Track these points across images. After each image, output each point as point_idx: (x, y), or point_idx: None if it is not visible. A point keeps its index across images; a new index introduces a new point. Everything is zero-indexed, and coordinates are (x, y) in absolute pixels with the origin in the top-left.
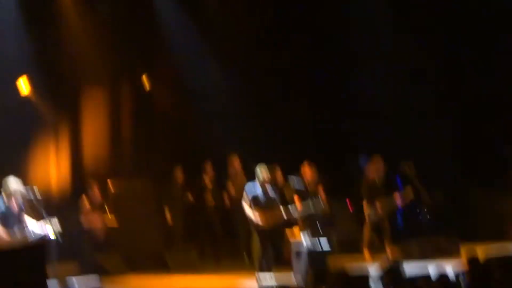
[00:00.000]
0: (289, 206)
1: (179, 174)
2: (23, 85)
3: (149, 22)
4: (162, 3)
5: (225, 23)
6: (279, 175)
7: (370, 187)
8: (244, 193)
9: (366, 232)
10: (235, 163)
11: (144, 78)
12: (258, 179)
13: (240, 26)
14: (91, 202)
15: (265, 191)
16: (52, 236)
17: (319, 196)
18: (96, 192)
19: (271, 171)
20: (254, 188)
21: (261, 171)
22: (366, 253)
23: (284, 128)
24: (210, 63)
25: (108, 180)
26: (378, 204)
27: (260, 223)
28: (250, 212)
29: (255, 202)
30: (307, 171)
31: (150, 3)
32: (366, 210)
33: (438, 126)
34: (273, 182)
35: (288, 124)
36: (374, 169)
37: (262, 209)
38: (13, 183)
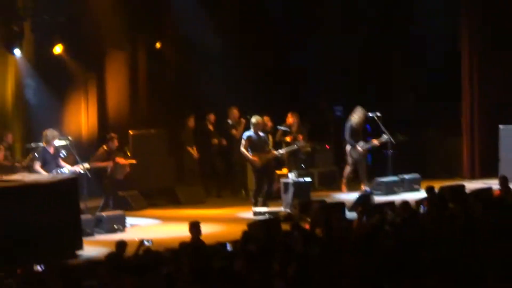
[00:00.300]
0: (278, 150)
1: (191, 122)
2: (58, 49)
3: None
4: None
5: None
6: (269, 124)
7: (353, 131)
8: (242, 140)
9: (347, 169)
10: (235, 114)
11: (158, 43)
12: (253, 127)
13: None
14: (111, 149)
15: (258, 137)
16: (84, 176)
17: (301, 139)
18: (115, 141)
19: (263, 120)
20: (250, 135)
21: (255, 121)
22: (344, 186)
23: (275, 87)
24: (213, 31)
25: (129, 130)
26: (358, 146)
27: (255, 163)
28: (247, 155)
29: (250, 146)
30: (291, 120)
31: None
32: (349, 150)
33: (401, 80)
34: (264, 129)
35: (278, 84)
36: (358, 117)
37: (256, 152)
38: (52, 133)
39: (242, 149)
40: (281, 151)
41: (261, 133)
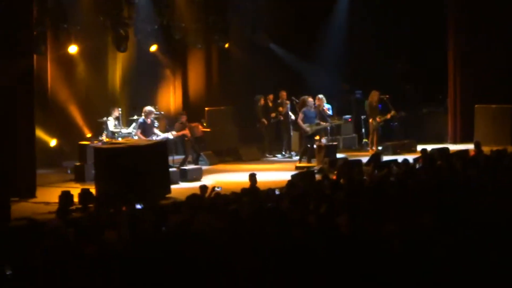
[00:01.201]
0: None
1: (262, 101)
2: (153, 48)
3: (226, 13)
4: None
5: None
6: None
7: (371, 108)
8: (301, 113)
9: (371, 135)
10: (283, 95)
11: (227, 43)
12: (306, 105)
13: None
14: (183, 122)
15: (310, 112)
16: (171, 141)
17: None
18: (184, 116)
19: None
20: (304, 110)
21: (308, 100)
22: (370, 147)
23: (310, 77)
24: (265, 32)
25: (205, 107)
26: (377, 118)
27: (307, 131)
28: (302, 125)
29: (304, 118)
30: (318, 102)
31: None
32: (370, 122)
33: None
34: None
35: (313, 73)
36: (374, 97)
37: (308, 123)
38: (149, 109)
39: (299, 120)
40: (324, 124)
41: (311, 109)
